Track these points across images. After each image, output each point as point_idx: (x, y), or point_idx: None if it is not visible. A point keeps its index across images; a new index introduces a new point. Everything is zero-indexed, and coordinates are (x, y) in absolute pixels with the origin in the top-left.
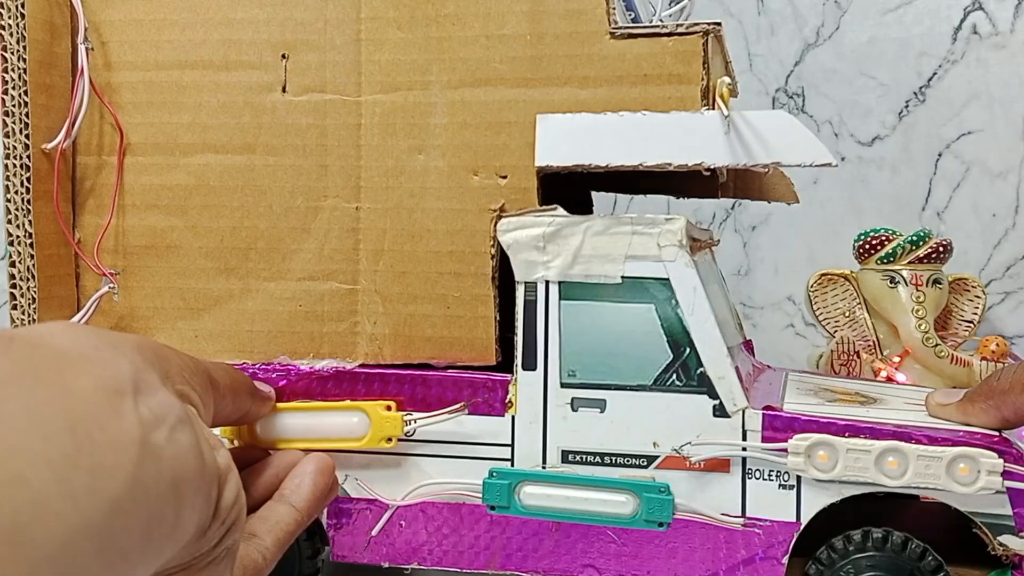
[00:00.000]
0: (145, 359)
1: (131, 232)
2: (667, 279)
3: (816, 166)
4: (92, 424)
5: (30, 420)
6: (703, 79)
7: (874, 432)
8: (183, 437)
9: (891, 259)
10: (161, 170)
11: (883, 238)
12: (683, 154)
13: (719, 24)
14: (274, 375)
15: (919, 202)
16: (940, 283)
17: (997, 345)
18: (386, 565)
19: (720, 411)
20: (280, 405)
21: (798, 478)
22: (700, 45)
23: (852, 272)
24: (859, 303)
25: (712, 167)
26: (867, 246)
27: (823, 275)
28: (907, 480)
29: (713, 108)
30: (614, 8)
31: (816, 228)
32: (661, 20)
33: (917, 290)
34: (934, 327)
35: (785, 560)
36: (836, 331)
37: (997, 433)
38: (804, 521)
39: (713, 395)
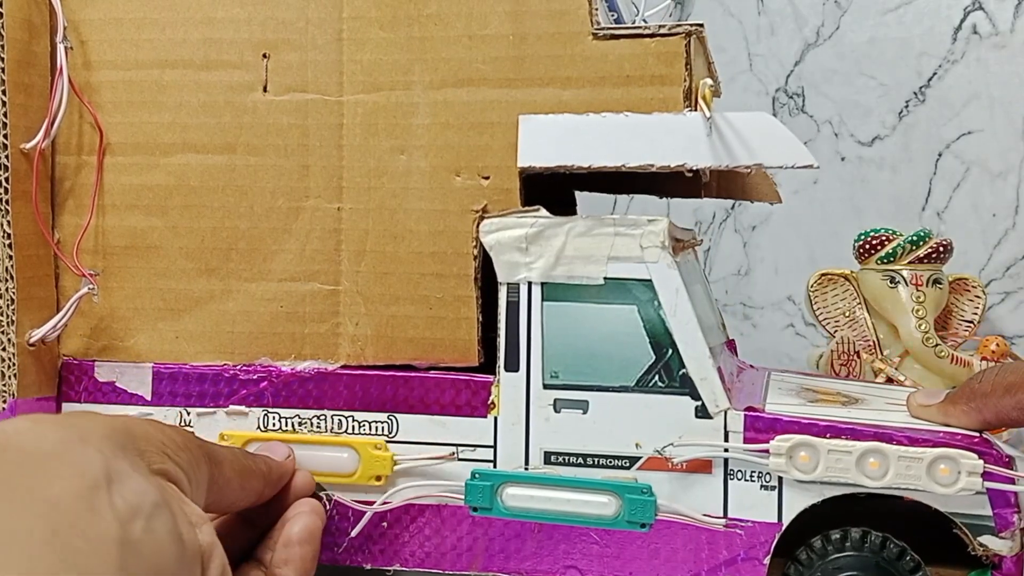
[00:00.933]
0: (115, 444)
1: (111, 232)
2: (649, 280)
3: (798, 168)
4: (72, 533)
5: (12, 541)
6: (685, 80)
7: (855, 433)
8: (160, 525)
9: (891, 259)
10: (141, 170)
11: (883, 238)
12: (665, 155)
13: (701, 25)
14: (255, 376)
15: (919, 202)
16: (940, 283)
17: (997, 345)
18: (368, 567)
19: (702, 412)
20: (268, 435)
21: (780, 479)
22: (682, 46)
23: (852, 272)
24: (859, 303)
25: (694, 168)
26: (867, 246)
27: (823, 275)
28: (888, 481)
29: (695, 109)
30: (596, 9)
31: (816, 228)
32: (644, 20)
33: (917, 290)
34: (934, 327)
35: (767, 561)
36: (836, 331)
37: (978, 434)
38: (786, 522)
39: (695, 396)
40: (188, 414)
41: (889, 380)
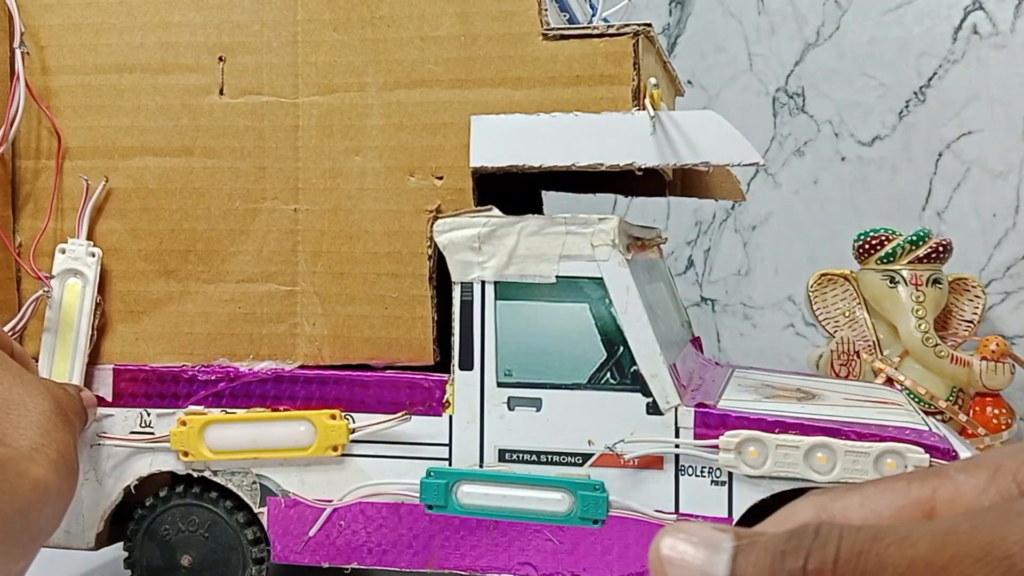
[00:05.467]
0: None
1: (70, 236)
2: (600, 278)
3: (744, 165)
4: None
5: None
6: (634, 80)
7: (803, 428)
8: None
9: (891, 259)
10: (99, 173)
11: (883, 238)
12: (614, 154)
13: (649, 25)
14: (214, 377)
15: (919, 202)
16: (940, 283)
17: (997, 345)
18: (326, 565)
19: (653, 408)
20: (227, 416)
21: (730, 474)
22: (630, 46)
23: (852, 272)
24: (859, 303)
25: (643, 167)
26: (867, 246)
27: (823, 275)
28: (836, 475)
29: (644, 108)
30: (546, 9)
31: (816, 228)
32: (605, 20)
33: (917, 290)
34: (934, 327)
35: None
36: (836, 331)
37: (927, 428)
38: (736, 517)
39: (646, 393)
40: (148, 415)
41: (889, 380)
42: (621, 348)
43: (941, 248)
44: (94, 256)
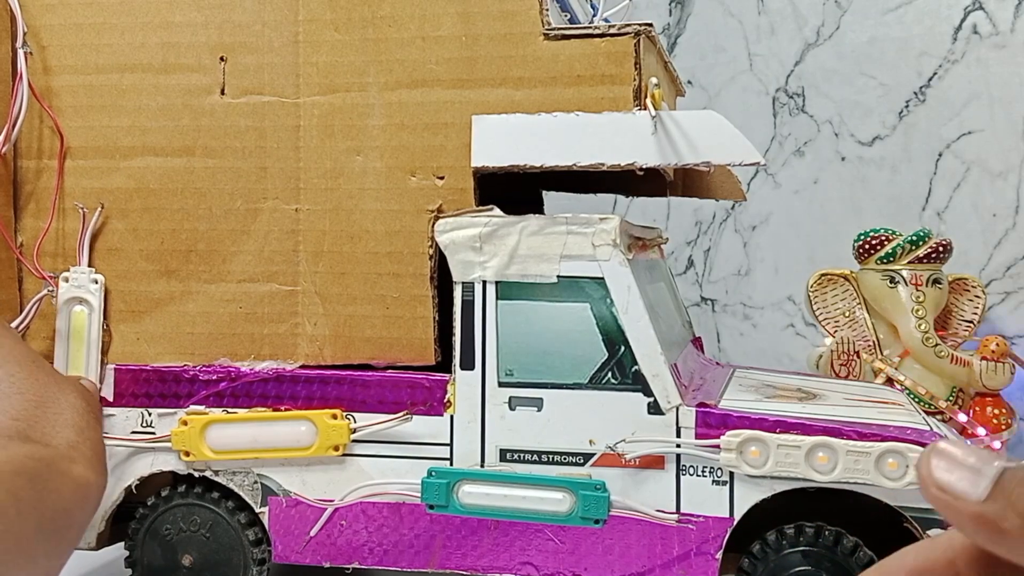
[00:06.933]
0: None
1: (71, 235)
2: (602, 278)
3: (745, 165)
4: None
5: None
6: (635, 80)
7: (805, 428)
8: None
9: (891, 259)
10: (101, 173)
11: (883, 238)
12: (615, 154)
13: (651, 25)
14: (215, 377)
15: (919, 202)
16: (940, 283)
17: (997, 345)
18: (327, 565)
19: (654, 408)
20: (228, 416)
21: (731, 474)
22: (631, 46)
23: (852, 272)
24: (859, 303)
25: (644, 167)
26: (867, 246)
27: (823, 275)
28: (837, 475)
29: (645, 108)
30: (547, 9)
31: (816, 228)
32: (606, 20)
33: (917, 290)
34: (934, 327)
35: (719, 555)
36: (836, 331)
37: (928, 428)
38: (738, 516)
39: (648, 393)
40: (150, 414)
41: (889, 380)
42: (622, 348)
43: (941, 248)
44: (97, 283)
